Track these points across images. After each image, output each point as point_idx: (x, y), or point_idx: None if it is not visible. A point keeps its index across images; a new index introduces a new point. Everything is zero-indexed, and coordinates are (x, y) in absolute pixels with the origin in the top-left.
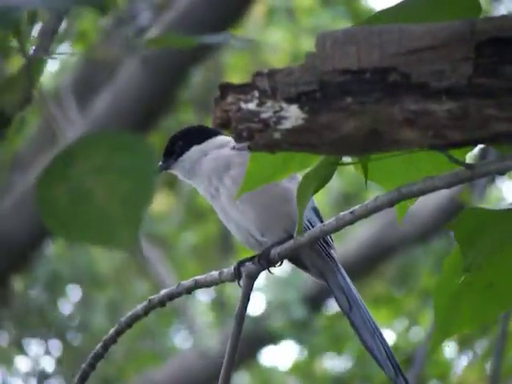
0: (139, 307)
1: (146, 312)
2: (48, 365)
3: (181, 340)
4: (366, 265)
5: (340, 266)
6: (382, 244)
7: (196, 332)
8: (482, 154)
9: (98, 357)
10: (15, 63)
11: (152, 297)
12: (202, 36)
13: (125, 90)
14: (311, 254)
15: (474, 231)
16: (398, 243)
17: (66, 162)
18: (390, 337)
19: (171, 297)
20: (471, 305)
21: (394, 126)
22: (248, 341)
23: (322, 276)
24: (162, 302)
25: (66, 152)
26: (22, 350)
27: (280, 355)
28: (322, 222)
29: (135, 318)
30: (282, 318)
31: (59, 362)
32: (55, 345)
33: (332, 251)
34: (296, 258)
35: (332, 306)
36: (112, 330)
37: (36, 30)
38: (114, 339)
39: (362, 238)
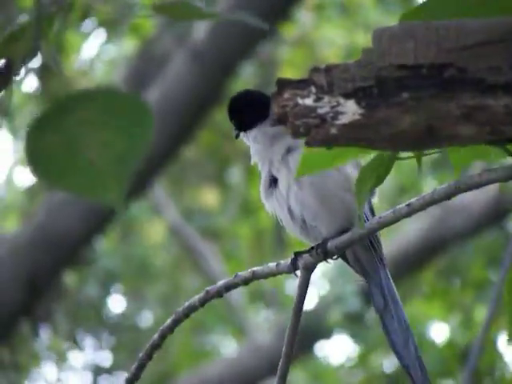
0: (196, 297)
1: (203, 303)
2: (102, 359)
3: (231, 335)
4: (417, 259)
5: (386, 263)
6: (433, 238)
7: (247, 325)
8: None
9: (155, 347)
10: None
11: (209, 287)
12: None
13: (173, 86)
14: (357, 248)
15: None
16: (450, 237)
17: (61, 113)
18: (444, 331)
19: (228, 287)
20: None
21: (450, 122)
22: (301, 335)
23: (363, 271)
24: (219, 293)
25: (61, 102)
26: (76, 345)
27: (334, 349)
28: None
29: (192, 309)
30: (338, 312)
31: (113, 356)
32: (108, 340)
33: (383, 249)
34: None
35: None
36: (169, 320)
37: None
38: (171, 329)
39: (413, 232)
